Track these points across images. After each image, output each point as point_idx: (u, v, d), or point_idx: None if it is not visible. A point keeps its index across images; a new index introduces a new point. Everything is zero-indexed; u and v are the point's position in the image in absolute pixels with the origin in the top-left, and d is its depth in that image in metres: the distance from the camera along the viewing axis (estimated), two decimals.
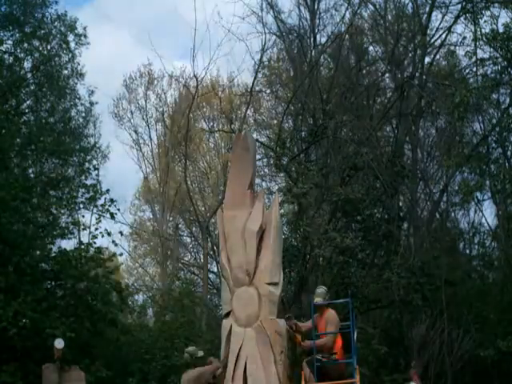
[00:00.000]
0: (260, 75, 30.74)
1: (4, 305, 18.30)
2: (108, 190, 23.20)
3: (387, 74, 28.30)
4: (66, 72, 27.47)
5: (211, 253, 34.25)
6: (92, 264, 22.15)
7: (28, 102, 26.68)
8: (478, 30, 22.10)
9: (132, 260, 41.38)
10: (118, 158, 58.13)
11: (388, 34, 27.82)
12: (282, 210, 23.34)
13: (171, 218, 39.35)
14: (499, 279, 24.52)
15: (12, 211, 19.55)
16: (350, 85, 26.09)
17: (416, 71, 26.33)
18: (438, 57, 28.40)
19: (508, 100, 23.82)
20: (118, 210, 23.70)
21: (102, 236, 22.83)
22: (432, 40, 26.90)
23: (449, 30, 25.90)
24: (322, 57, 28.00)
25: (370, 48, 29.85)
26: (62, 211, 23.26)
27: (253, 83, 28.94)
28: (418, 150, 28.07)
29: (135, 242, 41.80)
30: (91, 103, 29.59)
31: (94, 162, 29.78)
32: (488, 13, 21.88)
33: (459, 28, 26.06)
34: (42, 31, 25.61)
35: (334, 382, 11.88)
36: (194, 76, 29.34)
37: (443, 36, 26.52)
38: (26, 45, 25.52)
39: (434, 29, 27.18)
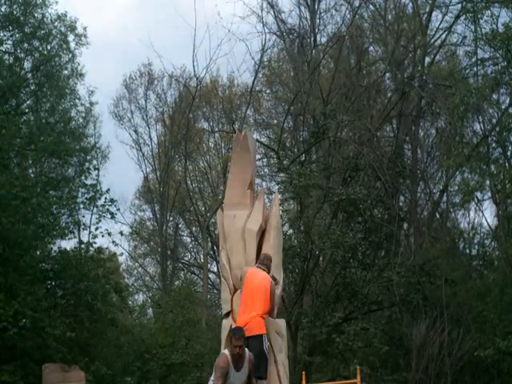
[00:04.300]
0: (260, 75, 30.79)
1: (4, 304, 18.30)
2: (108, 190, 23.23)
3: (387, 75, 28.33)
4: (66, 72, 27.46)
5: (211, 253, 34.26)
6: (92, 264, 22.16)
7: (28, 102, 26.66)
8: (478, 29, 22.10)
9: (132, 260, 41.39)
10: (118, 158, 58.13)
11: (388, 34, 27.83)
12: (282, 207, 23.38)
13: (171, 218, 39.35)
14: (499, 279, 24.49)
15: (12, 211, 19.55)
16: (351, 85, 26.11)
17: (416, 71, 26.34)
18: (438, 57, 28.45)
19: (508, 100, 23.84)
20: (118, 209, 23.79)
21: (103, 236, 22.88)
22: (432, 40, 26.93)
23: (449, 29, 25.91)
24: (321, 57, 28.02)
25: (370, 48, 29.89)
26: (62, 211, 23.26)
27: (253, 83, 28.99)
28: (418, 150, 28.08)
29: (135, 241, 41.81)
30: (91, 103, 29.60)
31: (94, 162, 29.80)
32: (488, 12, 21.87)
33: (459, 28, 26.04)
34: (42, 31, 25.55)
35: (338, 382, 11.87)
36: (195, 76, 29.40)
37: (443, 36, 26.57)
38: (26, 45, 25.48)
39: (434, 29, 27.24)
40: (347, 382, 12.23)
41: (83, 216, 25.86)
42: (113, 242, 23.97)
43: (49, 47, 26.06)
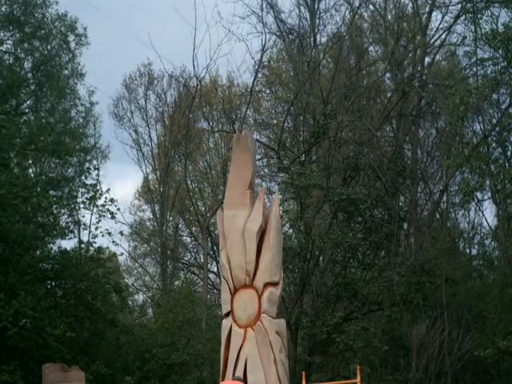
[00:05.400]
0: (260, 75, 30.79)
1: (4, 304, 18.29)
2: (108, 190, 23.24)
3: (387, 75, 28.35)
4: (66, 72, 27.49)
5: (211, 253, 34.27)
6: (92, 264, 22.17)
7: (28, 102, 26.69)
8: (478, 29, 22.09)
9: (132, 260, 41.39)
10: (118, 158, 58.22)
11: (388, 34, 27.85)
12: (282, 207, 23.40)
13: (171, 218, 39.36)
14: (499, 279, 24.52)
15: (12, 211, 19.55)
16: (351, 85, 26.13)
17: (416, 71, 26.36)
18: (438, 57, 28.49)
19: (508, 100, 23.84)
20: (118, 209, 23.75)
21: (103, 236, 22.90)
22: (432, 40, 26.97)
23: (449, 29, 25.96)
24: (321, 56, 28.05)
25: (370, 48, 29.91)
26: (62, 211, 23.27)
27: (253, 83, 28.99)
28: (418, 150, 28.10)
29: (135, 241, 41.82)
30: (91, 103, 29.60)
31: (94, 161, 29.85)
32: (488, 12, 21.86)
33: (459, 28, 26.08)
34: (42, 31, 25.59)
35: (338, 382, 11.87)
36: (195, 76, 29.40)
37: (443, 36, 26.63)
38: (26, 45, 25.52)
39: (434, 29, 27.30)
40: (347, 382, 12.22)
41: (83, 216, 25.91)
42: (113, 241, 24.01)
43: (49, 47, 26.09)
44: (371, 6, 28.44)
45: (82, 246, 23.73)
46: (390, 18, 28.73)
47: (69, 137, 26.42)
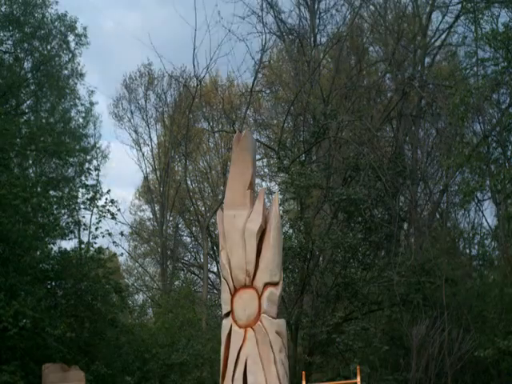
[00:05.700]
0: (260, 75, 30.79)
1: (4, 304, 18.29)
2: (109, 191, 23.24)
3: (388, 75, 28.35)
4: (65, 72, 27.53)
5: (211, 253, 34.28)
6: (92, 264, 22.17)
7: (28, 102, 26.72)
8: (479, 29, 22.10)
9: (132, 260, 41.41)
10: (118, 158, 58.25)
11: (388, 34, 27.86)
12: (282, 207, 23.39)
13: (171, 218, 39.37)
14: (499, 279, 24.52)
15: (12, 211, 19.54)
16: (351, 85, 26.14)
17: (416, 72, 26.36)
18: (438, 57, 28.50)
19: (508, 100, 23.84)
20: (119, 210, 23.74)
21: (103, 236, 22.89)
22: (432, 40, 26.96)
23: (449, 30, 25.98)
24: (321, 57, 28.06)
25: (371, 48, 29.92)
26: (63, 211, 23.27)
27: (253, 83, 29.01)
28: (419, 150, 28.10)
29: (135, 241, 41.83)
30: (91, 103, 29.64)
31: (94, 162, 29.87)
32: (488, 12, 21.88)
33: (459, 28, 26.13)
34: (42, 31, 25.63)
35: (338, 382, 11.86)
36: (195, 76, 29.40)
37: (443, 36, 26.63)
38: (26, 45, 25.55)
39: (435, 29, 27.29)
40: (347, 382, 12.20)
41: (83, 216, 25.91)
42: (113, 242, 24.01)
43: (49, 47, 26.12)
44: (371, 7, 28.47)
45: (83, 246, 23.72)
46: (390, 18, 28.76)
47: (69, 137, 26.45)
